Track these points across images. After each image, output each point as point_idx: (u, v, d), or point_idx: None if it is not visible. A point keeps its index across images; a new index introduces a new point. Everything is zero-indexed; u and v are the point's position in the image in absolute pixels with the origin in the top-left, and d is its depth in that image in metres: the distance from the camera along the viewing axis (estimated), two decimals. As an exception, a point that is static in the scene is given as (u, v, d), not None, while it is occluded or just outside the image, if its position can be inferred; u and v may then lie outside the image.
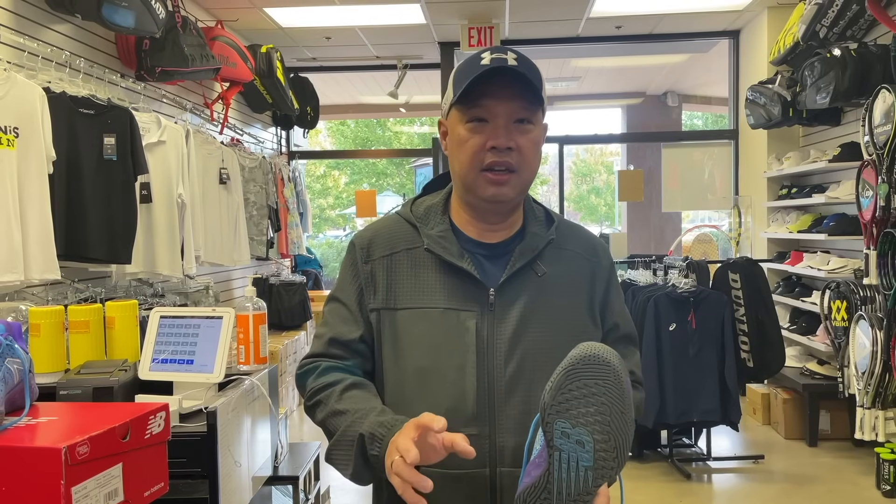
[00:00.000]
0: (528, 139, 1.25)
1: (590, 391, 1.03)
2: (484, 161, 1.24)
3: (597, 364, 1.03)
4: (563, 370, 1.04)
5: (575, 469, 1.03)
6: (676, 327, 4.29)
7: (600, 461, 1.03)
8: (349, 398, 1.24)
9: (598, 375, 1.03)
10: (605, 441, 1.03)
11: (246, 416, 1.91)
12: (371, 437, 1.15)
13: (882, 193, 3.66)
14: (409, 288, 1.28)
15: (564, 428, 1.03)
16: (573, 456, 1.03)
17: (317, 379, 1.29)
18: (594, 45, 6.84)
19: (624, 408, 1.04)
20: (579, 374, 1.03)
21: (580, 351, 1.05)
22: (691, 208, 9.31)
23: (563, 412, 1.03)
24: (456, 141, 1.27)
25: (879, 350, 3.71)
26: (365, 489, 1.32)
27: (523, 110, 1.24)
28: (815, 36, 4.58)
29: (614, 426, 1.03)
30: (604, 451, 1.03)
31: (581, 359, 1.04)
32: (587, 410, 1.02)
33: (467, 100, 1.23)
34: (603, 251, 1.39)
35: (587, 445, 1.02)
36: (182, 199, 4.04)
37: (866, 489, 4.02)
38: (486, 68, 1.21)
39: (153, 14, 3.62)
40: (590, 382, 1.03)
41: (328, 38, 6.51)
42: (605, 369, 1.03)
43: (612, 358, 1.04)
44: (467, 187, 1.28)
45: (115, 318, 1.94)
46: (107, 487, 1.17)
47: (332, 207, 16.55)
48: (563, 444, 1.03)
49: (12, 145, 2.89)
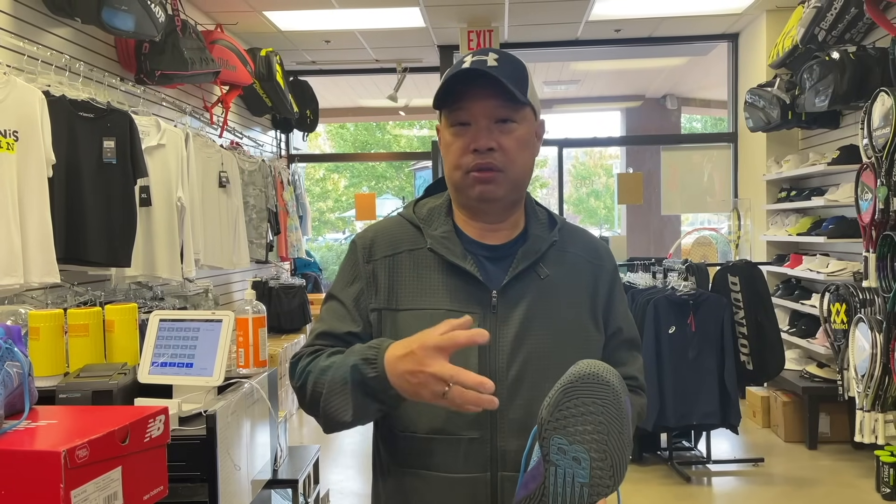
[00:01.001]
0: (512, 138, 1.24)
1: (587, 409, 1.03)
2: (468, 164, 1.24)
3: (596, 383, 1.03)
4: (561, 387, 1.04)
5: (570, 485, 1.03)
6: (676, 330, 4.29)
7: (596, 479, 1.03)
8: (336, 356, 1.23)
9: (597, 394, 1.03)
10: (602, 459, 1.03)
11: (245, 420, 1.91)
12: (363, 361, 1.14)
13: (881, 196, 3.67)
14: (411, 289, 1.28)
15: (561, 444, 1.03)
16: (569, 472, 1.03)
17: (305, 359, 1.28)
18: (593, 48, 6.84)
19: (622, 427, 1.04)
20: (578, 393, 1.03)
21: (580, 368, 1.05)
22: (690, 211, 9.33)
23: (561, 429, 1.03)
24: (444, 145, 1.29)
25: (879, 353, 3.71)
26: (364, 491, 1.32)
27: (503, 109, 1.23)
28: (813, 39, 4.59)
29: (611, 445, 1.03)
30: (600, 468, 1.03)
31: (580, 377, 1.04)
32: (584, 429, 1.03)
33: (448, 103, 1.25)
34: (606, 254, 1.39)
35: (583, 462, 1.02)
36: (181, 202, 4.04)
37: (866, 492, 4.02)
38: (459, 71, 1.22)
39: (153, 18, 3.62)
40: (588, 401, 1.03)
41: (327, 41, 6.52)
42: (605, 389, 1.03)
43: (611, 377, 1.04)
44: (457, 189, 1.29)
45: (115, 321, 1.93)
46: (106, 491, 1.17)
47: (331, 210, 16.55)
48: (559, 460, 1.03)
49: (12, 149, 2.89)
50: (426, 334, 1.09)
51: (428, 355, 1.07)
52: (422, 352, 1.07)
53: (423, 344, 1.07)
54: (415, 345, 1.08)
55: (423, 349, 1.07)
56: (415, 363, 1.08)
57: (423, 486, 1.24)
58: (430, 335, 1.08)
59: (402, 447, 1.25)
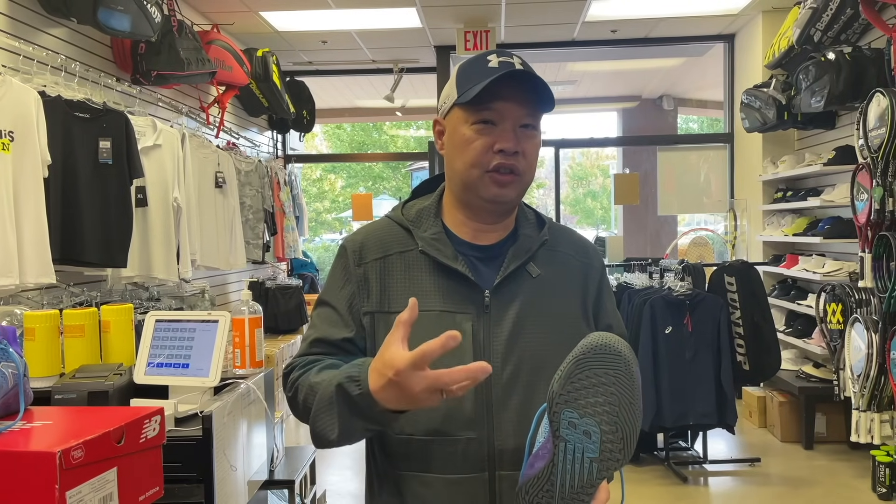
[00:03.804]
0: (532, 144, 1.26)
1: (599, 381, 1.01)
2: (490, 163, 1.23)
3: (608, 353, 1.02)
4: (573, 359, 1.03)
5: (580, 461, 1.01)
6: (672, 330, 4.30)
7: (606, 452, 1.01)
8: (325, 372, 1.21)
9: (609, 365, 1.02)
10: (613, 432, 1.01)
11: (242, 420, 1.91)
12: (347, 379, 1.12)
13: (877, 196, 3.67)
14: (403, 291, 1.27)
15: (572, 418, 1.01)
16: (579, 447, 1.01)
17: (296, 371, 1.27)
18: (590, 48, 6.85)
19: (633, 399, 1.02)
20: (590, 364, 1.02)
21: (591, 340, 1.03)
22: (687, 211, 9.35)
23: (572, 402, 1.01)
24: (459, 141, 1.26)
25: (875, 353, 3.72)
26: (361, 492, 1.31)
27: (531, 116, 1.24)
28: (809, 40, 4.60)
29: (622, 417, 1.01)
30: (610, 442, 1.01)
31: (592, 348, 1.02)
32: (596, 400, 1.01)
33: (477, 101, 1.22)
34: (594, 253, 1.40)
35: (594, 436, 1.01)
36: (178, 202, 4.03)
37: (862, 492, 4.03)
38: (500, 71, 1.21)
39: (149, 18, 3.61)
40: (600, 372, 1.01)
41: (324, 41, 6.52)
42: (617, 359, 1.02)
43: (623, 348, 1.03)
44: (468, 186, 1.27)
45: (111, 322, 1.93)
46: (102, 491, 1.16)
47: (328, 211, 16.55)
48: (569, 435, 1.01)
49: (7, 149, 2.88)
50: (394, 356, 1.03)
51: (407, 379, 1.02)
52: (399, 378, 1.03)
53: (397, 370, 1.02)
54: (389, 372, 1.03)
55: (399, 374, 1.02)
56: (398, 390, 1.04)
57: (421, 489, 1.24)
58: (398, 355, 1.02)
59: (399, 451, 1.25)
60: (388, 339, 1.06)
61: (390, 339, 1.06)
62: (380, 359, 1.07)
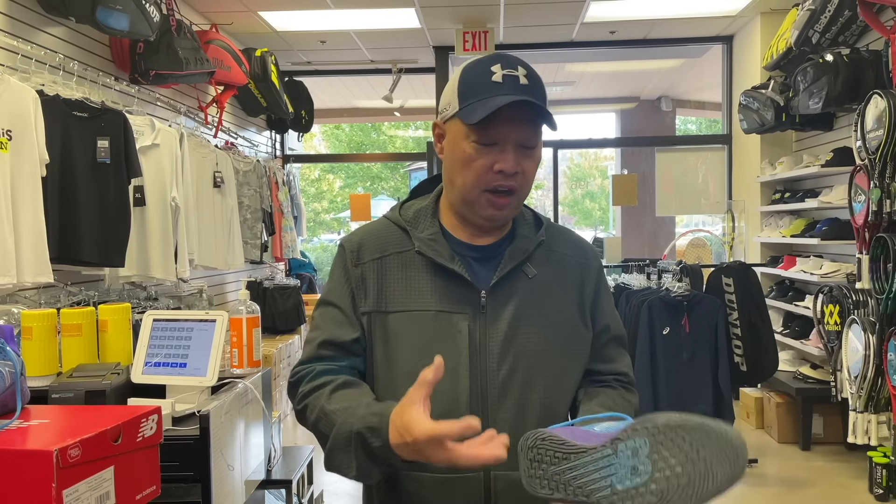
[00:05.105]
0: (532, 162, 1.26)
1: (694, 455, 0.97)
2: (490, 182, 1.23)
3: (726, 447, 0.97)
4: (701, 422, 0.98)
5: (604, 478, 0.99)
6: (670, 331, 4.30)
7: (626, 497, 0.98)
8: (339, 398, 1.21)
9: (711, 450, 0.97)
10: (653, 493, 0.97)
11: (239, 420, 1.91)
12: (368, 430, 1.13)
13: (874, 198, 3.68)
14: (400, 291, 1.28)
15: (642, 448, 0.97)
16: (617, 468, 0.98)
17: (308, 383, 1.26)
18: (588, 49, 6.86)
19: (696, 494, 0.97)
20: (703, 439, 0.97)
21: (722, 426, 0.98)
22: (685, 212, 9.35)
23: (659, 441, 0.97)
24: (460, 157, 1.24)
25: (872, 354, 3.73)
26: (358, 492, 1.31)
27: (532, 137, 1.24)
28: (807, 41, 4.61)
29: (671, 495, 0.97)
30: (641, 495, 0.97)
31: (717, 431, 0.98)
32: (671, 462, 0.96)
33: (480, 123, 1.20)
34: (592, 253, 1.40)
35: (636, 479, 0.97)
36: (176, 202, 4.03)
37: (859, 493, 4.03)
38: (504, 90, 1.19)
39: (147, 17, 3.61)
40: (701, 449, 0.97)
41: (323, 41, 6.52)
42: (730, 455, 0.97)
43: (742, 451, 0.98)
44: (467, 204, 1.27)
45: (108, 321, 1.93)
46: (98, 490, 1.16)
47: (326, 211, 16.55)
48: (622, 453, 0.98)
49: (5, 148, 2.88)
50: (413, 423, 1.04)
51: (426, 447, 1.04)
52: (417, 445, 1.05)
53: (415, 439, 1.04)
54: (408, 438, 1.05)
55: (418, 443, 1.04)
56: (415, 452, 1.07)
57: (416, 488, 1.24)
58: (418, 425, 1.04)
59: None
60: (411, 396, 1.07)
61: (413, 397, 1.06)
62: (399, 416, 1.08)
